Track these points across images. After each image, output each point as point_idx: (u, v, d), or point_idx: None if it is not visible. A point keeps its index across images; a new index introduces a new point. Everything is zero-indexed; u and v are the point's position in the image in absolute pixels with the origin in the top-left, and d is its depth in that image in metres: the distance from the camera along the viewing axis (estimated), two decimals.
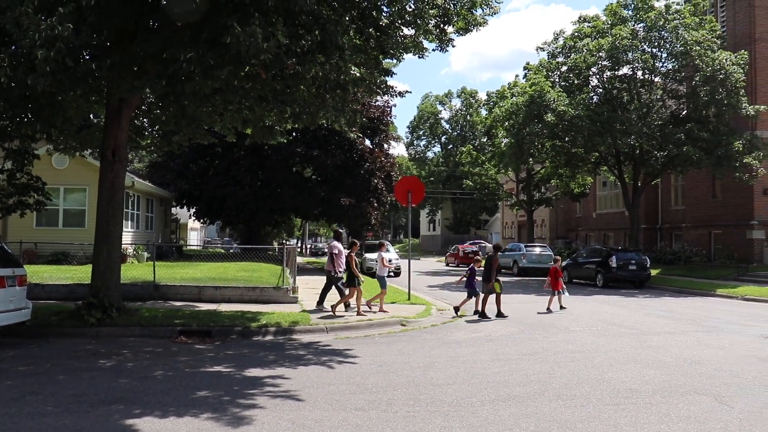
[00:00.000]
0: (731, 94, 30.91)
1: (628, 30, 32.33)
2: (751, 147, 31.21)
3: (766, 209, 34.03)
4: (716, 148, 30.88)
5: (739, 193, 34.36)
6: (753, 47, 33.96)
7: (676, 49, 32.00)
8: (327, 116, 13.73)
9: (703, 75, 30.93)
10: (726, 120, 32.02)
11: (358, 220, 38.93)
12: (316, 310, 16.64)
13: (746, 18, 34.74)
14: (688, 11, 32.63)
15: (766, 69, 34.32)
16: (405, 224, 37.10)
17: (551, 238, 58.98)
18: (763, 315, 18.62)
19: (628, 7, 34.22)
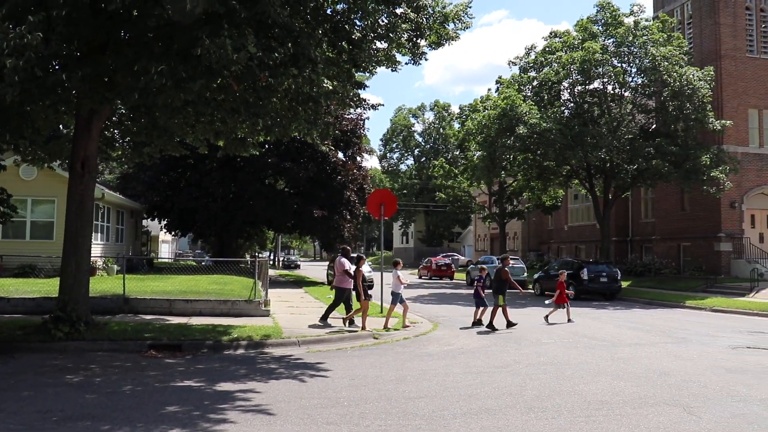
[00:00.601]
0: (698, 109, 31.56)
1: (598, 45, 32.82)
2: (718, 161, 31.78)
3: (733, 222, 34.63)
4: (684, 162, 31.40)
5: (706, 206, 34.92)
6: (719, 63, 34.63)
7: (645, 64, 32.56)
8: (299, 129, 13.70)
9: (671, 90, 31.55)
10: (694, 134, 32.65)
11: (330, 232, 38.85)
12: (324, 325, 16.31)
13: (712, 35, 35.44)
14: (656, 27, 33.28)
15: (731, 85, 35.01)
16: (378, 237, 37.31)
17: (524, 251, 59.33)
18: (730, 326, 18.88)
19: (598, 22, 34.75)
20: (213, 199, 35.50)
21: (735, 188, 33.89)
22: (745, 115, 35.47)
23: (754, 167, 35.35)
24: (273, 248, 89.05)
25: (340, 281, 16.92)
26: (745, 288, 29.22)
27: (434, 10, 13.25)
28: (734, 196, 34.33)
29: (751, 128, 35.80)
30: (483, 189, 55.65)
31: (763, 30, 36.29)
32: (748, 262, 32.75)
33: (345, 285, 16.91)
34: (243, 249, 58.29)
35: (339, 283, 16.96)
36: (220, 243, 41.43)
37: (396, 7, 12.71)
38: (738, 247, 34.45)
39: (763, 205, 35.85)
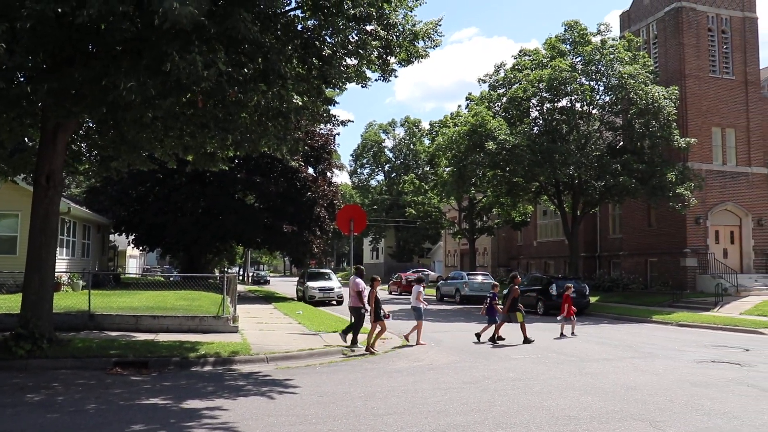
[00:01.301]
0: (664, 127, 32.18)
1: (566, 63, 33.34)
2: (683, 178, 32.35)
3: (698, 238, 35.21)
4: (651, 179, 31.90)
5: (672, 222, 35.47)
6: (683, 83, 35.34)
7: (612, 82, 33.15)
8: (269, 144, 13.66)
9: (638, 108, 32.15)
10: (660, 151, 33.24)
11: (300, 248, 38.69)
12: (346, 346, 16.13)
13: (676, 55, 36.17)
14: (622, 47, 33.93)
15: (695, 104, 35.71)
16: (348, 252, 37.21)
17: (493, 266, 59.61)
18: (695, 340, 19.13)
19: (566, 41, 35.32)
20: (182, 213, 35.19)
21: (700, 205, 34.49)
22: (709, 134, 36.21)
23: (717, 184, 36.04)
24: (242, 263, 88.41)
25: (356, 301, 16.81)
26: (710, 302, 29.66)
27: (404, 28, 13.33)
28: (699, 212, 34.93)
29: (715, 146, 36.54)
30: (453, 205, 55.90)
31: (724, 51, 37.15)
32: (712, 277, 33.27)
33: (359, 305, 16.82)
34: (212, 264, 57.82)
35: (354, 303, 16.84)
36: (188, 258, 41.02)
37: (366, 24, 12.76)
38: (703, 262, 35.01)
39: (726, 221, 36.52)
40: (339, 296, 35.31)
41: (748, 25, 37.62)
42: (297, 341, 16.48)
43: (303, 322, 21.58)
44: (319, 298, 35.04)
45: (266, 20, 11.36)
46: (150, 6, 9.29)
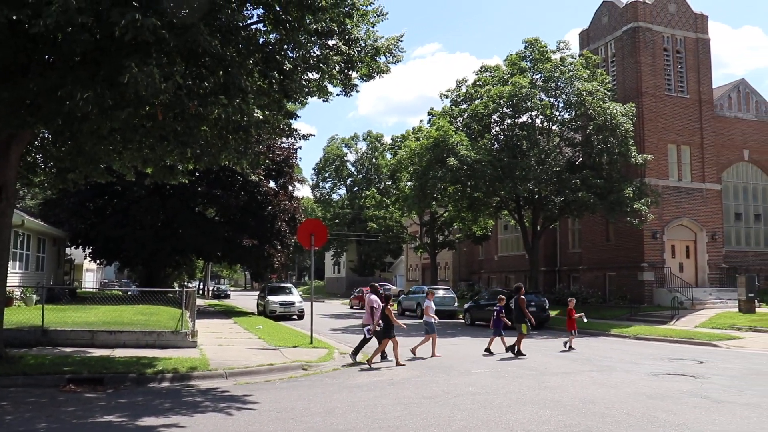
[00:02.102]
0: (622, 143, 32.81)
1: (526, 80, 33.80)
2: (641, 194, 32.97)
3: (655, 252, 35.86)
4: (609, 194, 32.43)
5: (630, 237, 36.07)
6: (640, 100, 36.10)
7: (571, 99, 33.70)
8: (229, 158, 13.57)
9: (596, 124, 32.74)
10: (618, 167, 33.84)
11: (260, 262, 38.43)
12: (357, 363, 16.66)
13: (634, 73, 36.96)
14: (581, 64, 34.56)
15: (652, 121, 36.48)
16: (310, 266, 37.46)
17: (455, 281, 59.87)
18: (652, 353, 19.41)
19: (526, 58, 35.81)
20: (141, 227, 34.68)
21: (656, 220, 35.15)
22: (665, 150, 37.00)
23: (673, 200, 36.80)
24: (203, 278, 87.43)
25: (368, 318, 17.14)
26: (666, 316, 30.20)
27: (366, 44, 13.40)
28: (656, 227, 35.59)
29: (671, 162, 37.33)
30: (414, 219, 56.08)
31: (679, 70, 38.07)
32: (669, 291, 33.88)
33: (371, 321, 17.11)
34: (171, 278, 57.07)
35: (368, 320, 17.14)
36: (147, 272, 40.42)
37: (328, 39, 12.81)
38: (660, 276, 35.65)
39: (682, 236, 37.29)
40: (300, 311, 35.10)
41: (701, 46, 38.66)
42: (257, 356, 16.33)
43: (263, 337, 21.41)
44: (280, 313, 34.78)
45: (227, 33, 11.31)
46: (110, 18, 9.18)
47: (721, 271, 37.47)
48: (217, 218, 37.42)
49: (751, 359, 18.21)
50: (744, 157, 40.69)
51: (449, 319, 35.60)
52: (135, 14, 8.86)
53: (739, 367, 16.21)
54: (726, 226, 39.41)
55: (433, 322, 18.66)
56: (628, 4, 37.86)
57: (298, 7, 11.35)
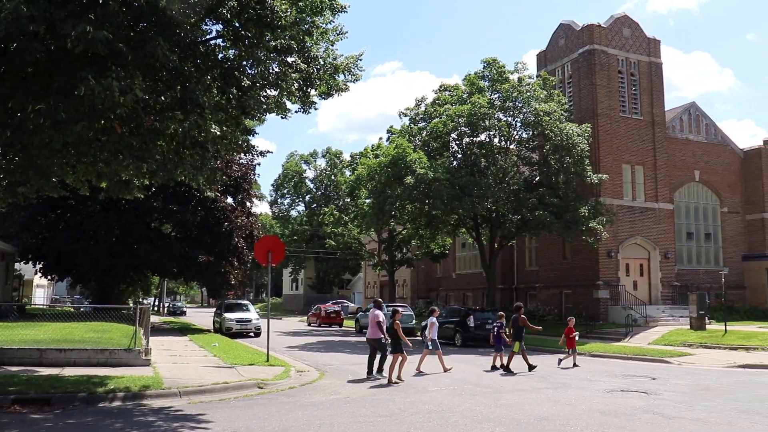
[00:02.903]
0: (577, 163, 33.37)
1: (485, 99, 34.20)
2: (596, 213, 33.52)
3: (610, 270, 36.46)
4: (565, 213, 32.91)
5: (586, 255, 36.62)
6: (596, 121, 36.82)
7: (529, 118, 34.19)
8: (185, 174, 13.41)
9: (553, 144, 33.26)
10: (574, 187, 34.40)
11: (217, 278, 37.96)
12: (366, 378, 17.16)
13: (589, 95, 37.71)
14: (538, 85, 35.13)
15: (607, 141, 37.22)
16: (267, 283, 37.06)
17: (413, 298, 59.93)
18: (607, 370, 19.65)
19: (485, 77, 36.27)
20: (95, 242, 34.02)
21: (611, 238, 35.76)
22: (620, 170, 37.76)
23: (627, 219, 37.51)
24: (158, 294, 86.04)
25: (374, 333, 17.55)
26: (620, 333, 30.65)
27: (325, 62, 13.42)
28: (611, 245, 36.21)
29: (625, 182, 38.10)
30: (373, 236, 56.10)
31: (633, 92, 38.99)
32: (623, 309, 34.42)
33: (379, 336, 17.51)
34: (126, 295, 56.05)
35: (373, 335, 17.59)
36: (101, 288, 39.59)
37: (287, 56, 12.78)
38: (614, 294, 36.22)
39: (636, 254, 37.99)
40: (257, 328, 34.75)
41: (654, 70, 39.67)
42: (212, 374, 16.09)
43: (219, 355, 21.12)
44: (236, 330, 34.39)
45: (186, 48, 11.22)
46: (62, 29, 9.04)
47: (674, 289, 38.25)
48: (173, 234, 36.91)
49: (701, 375, 18.58)
50: (695, 177, 41.75)
51: (407, 337, 35.51)
52: (86, 26, 8.73)
53: (690, 383, 16.52)
54: (678, 244, 40.30)
55: (436, 339, 19.48)
56: (585, 27, 38.68)
57: (257, 24, 11.33)
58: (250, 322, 35.22)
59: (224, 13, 11.37)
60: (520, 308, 20.50)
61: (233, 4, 11.28)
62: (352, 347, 28.28)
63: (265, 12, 11.36)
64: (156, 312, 75.44)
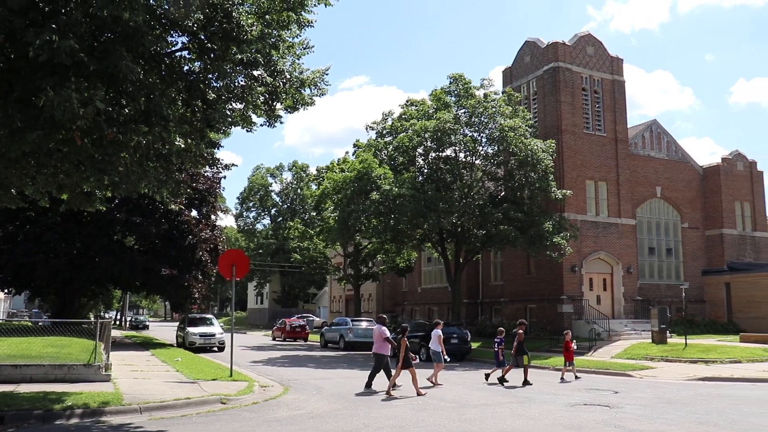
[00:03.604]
0: (542, 179, 33.73)
1: (450, 115, 34.44)
2: (560, 228, 33.88)
3: (574, 285, 36.83)
4: (530, 228, 33.20)
5: (550, 270, 36.95)
6: (560, 137, 37.29)
7: (494, 134, 34.52)
8: (148, 186, 13.24)
9: (518, 160, 33.61)
10: (538, 202, 34.77)
11: (180, 292, 37.46)
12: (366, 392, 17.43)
13: (554, 111, 38.21)
14: (503, 101, 35.49)
15: (571, 157, 37.70)
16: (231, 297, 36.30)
17: (378, 312, 59.78)
18: (570, 384, 19.82)
19: (451, 93, 36.53)
20: (55, 254, 33.35)
21: (575, 253, 36.16)
22: (584, 186, 38.24)
23: (591, 234, 37.97)
24: (120, 308, 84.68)
25: (379, 348, 17.96)
26: (584, 347, 30.90)
27: (291, 75, 13.39)
28: (575, 260, 36.60)
29: (589, 198, 38.59)
30: (338, 250, 55.93)
31: (596, 109, 39.60)
32: (587, 323, 34.75)
33: (384, 351, 17.95)
34: (86, 309, 55.05)
35: (378, 349, 17.98)
36: (60, 302, 38.81)
37: (253, 69, 12.74)
38: (578, 308, 36.57)
39: (599, 269, 38.43)
40: (221, 342, 34.34)
41: (617, 87, 40.37)
42: (174, 390, 15.86)
43: (181, 370, 20.84)
44: (200, 345, 33.95)
45: (150, 60, 11.13)
46: (24, 38, 8.90)
47: (636, 303, 38.74)
48: (136, 247, 36.38)
49: (662, 388, 18.85)
50: (656, 193, 42.46)
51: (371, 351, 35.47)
52: (51, 35, 8.61)
53: (651, 396, 16.74)
54: (640, 259, 40.88)
55: (440, 351, 19.88)
56: (550, 44, 39.23)
57: (223, 38, 11.29)
58: (213, 336, 34.80)
59: (190, 25, 11.31)
60: (523, 324, 21.55)
61: (199, 17, 11.21)
62: (317, 362, 28.11)
63: (231, 26, 11.32)
64: (118, 326, 74.24)
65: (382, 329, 18.17)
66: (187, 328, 35.41)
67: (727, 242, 43.27)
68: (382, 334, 18.03)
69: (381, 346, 17.93)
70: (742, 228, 44.37)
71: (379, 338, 18.02)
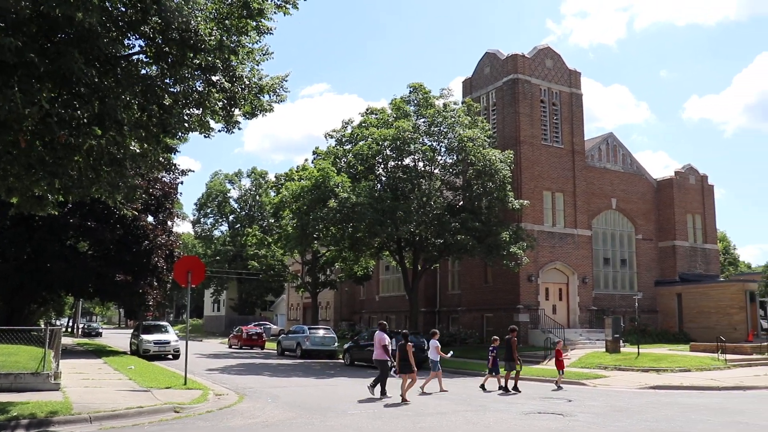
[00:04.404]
0: (500, 189, 34.04)
1: (409, 124, 34.56)
2: (517, 238, 34.21)
3: (530, 294, 37.22)
4: (487, 238, 33.46)
5: (507, 279, 37.26)
6: (518, 148, 37.71)
7: (453, 144, 34.74)
8: (100, 191, 12.99)
9: (476, 169, 33.86)
10: (496, 212, 35.07)
11: (135, 298, 36.84)
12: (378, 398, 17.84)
13: (512, 122, 38.63)
14: (462, 111, 35.75)
15: (529, 168, 38.13)
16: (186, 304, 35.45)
17: (336, 320, 59.63)
18: (525, 393, 19.96)
19: (411, 102, 36.68)
20: (3, 259, 32.52)
21: (532, 263, 36.54)
22: (541, 197, 38.70)
23: (548, 244, 38.43)
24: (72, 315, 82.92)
25: (380, 354, 18.66)
26: (540, 356, 31.23)
27: (250, 81, 13.30)
28: (531, 270, 36.98)
29: (546, 208, 39.07)
30: (296, 258, 55.67)
31: (554, 121, 40.16)
32: (542, 332, 35.12)
33: (385, 357, 18.66)
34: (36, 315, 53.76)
35: (379, 356, 18.68)
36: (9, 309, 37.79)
37: (211, 74, 12.63)
38: (534, 317, 36.95)
39: (555, 279, 38.90)
40: (176, 350, 33.81)
41: (575, 100, 41.03)
42: (126, 399, 15.57)
43: (134, 378, 20.49)
44: (155, 352, 33.40)
45: (105, 63, 10.94)
46: None
47: (591, 313, 39.30)
48: (90, 252, 35.65)
49: (614, 396, 19.15)
50: (612, 205, 43.18)
51: (329, 359, 35.42)
52: None
53: (604, 405, 16.97)
54: (595, 270, 41.50)
55: (437, 360, 20.46)
56: (509, 56, 39.68)
57: (181, 45, 11.15)
58: (168, 343, 34.28)
59: (147, 30, 11.16)
60: (515, 330, 21.88)
61: (157, 21, 11.07)
62: (273, 370, 27.88)
63: (189, 34, 11.19)
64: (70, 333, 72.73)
65: (382, 336, 18.84)
66: (142, 336, 34.84)
67: (679, 254, 44.20)
68: (381, 341, 18.73)
69: (381, 352, 18.69)
70: (693, 240, 45.38)
71: (379, 345, 18.75)
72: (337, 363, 33.27)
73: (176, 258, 36.14)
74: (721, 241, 68.46)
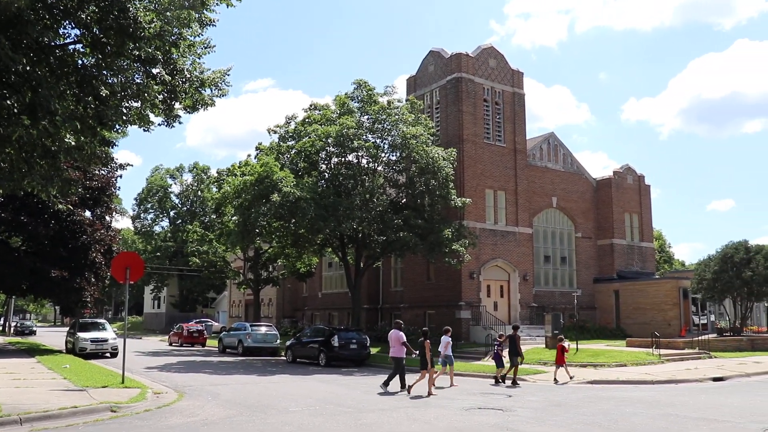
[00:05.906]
0: (442, 186, 34.26)
1: (353, 120, 34.49)
2: (459, 235, 34.49)
3: (472, 292, 37.60)
4: (429, 235, 33.65)
5: (449, 276, 37.56)
6: (461, 147, 38.03)
7: (397, 141, 34.79)
8: (32, 185, 12.57)
9: (419, 167, 33.99)
10: (438, 209, 35.29)
11: (71, 295, 35.83)
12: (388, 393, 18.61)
13: (456, 121, 38.94)
14: (406, 109, 35.84)
15: (471, 166, 38.50)
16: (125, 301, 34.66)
17: (278, 317, 59.23)
18: (466, 389, 20.19)
19: (355, 99, 36.58)
20: None
21: (474, 261, 36.92)
22: (483, 195, 39.13)
23: (489, 242, 38.87)
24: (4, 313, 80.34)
25: (397, 352, 19.55)
26: (481, 352, 31.57)
27: (191, 75, 13.07)
28: (473, 267, 37.36)
29: (488, 206, 39.52)
30: (238, 254, 55.01)
31: (497, 121, 40.64)
32: (484, 329, 35.53)
33: (400, 354, 19.54)
34: None
35: (396, 354, 19.57)
36: None
37: (151, 67, 12.35)
38: (476, 314, 37.34)
39: (497, 276, 39.40)
40: (114, 348, 33.05)
41: (517, 100, 41.60)
42: (60, 399, 15.14)
43: (69, 377, 19.95)
44: (91, 350, 32.58)
45: (38, 51, 10.59)
46: None
47: (531, 310, 39.93)
48: (23, 248, 34.55)
49: (553, 392, 19.55)
50: (552, 203, 43.94)
51: (271, 357, 35.18)
52: None
53: (542, 400, 17.27)
54: (536, 267, 42.17)
55: (451, 356, 21.50)
56: (453, 55, 39.97)
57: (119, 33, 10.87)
58: (106, 341, 33.48)
59: (83, 18, 10.84)
60: (518, 328, 23.65)
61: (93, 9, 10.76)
62: (214, 367, 27.52)
63: (128, 22, 10.91)
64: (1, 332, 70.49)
65: (399, 334, 19.75)
66: (78, 334, 33.94)
67: (617, 252, 45.27)
68: (399, 338, 19.62)
69: (398, 349, 19.52)
70: (630, 238, 46.53)
71: (397, 342, 19.61)
72: (279, 360, 33.05)
73: (114, 253, 35.29)
74: (657, 239, 70.44)
